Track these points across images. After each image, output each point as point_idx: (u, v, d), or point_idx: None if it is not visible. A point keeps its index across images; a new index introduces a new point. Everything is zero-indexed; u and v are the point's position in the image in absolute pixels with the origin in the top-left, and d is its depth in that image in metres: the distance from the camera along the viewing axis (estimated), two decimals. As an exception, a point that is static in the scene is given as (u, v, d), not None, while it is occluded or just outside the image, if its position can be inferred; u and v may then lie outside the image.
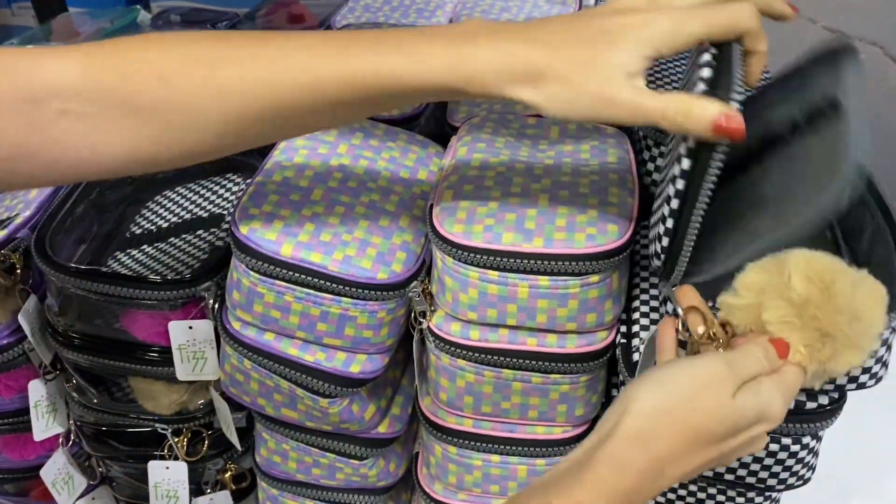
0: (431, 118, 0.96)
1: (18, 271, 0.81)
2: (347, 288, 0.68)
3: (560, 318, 0.67)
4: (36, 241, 0.78)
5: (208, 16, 1.42)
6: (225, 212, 0.85)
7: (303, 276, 0.67)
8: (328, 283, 0.67)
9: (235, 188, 0.90)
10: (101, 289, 0.74)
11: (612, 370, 0.75)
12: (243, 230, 0.68)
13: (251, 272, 0.68)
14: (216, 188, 0.91)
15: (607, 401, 0.75)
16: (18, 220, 0.84)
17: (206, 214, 0.86)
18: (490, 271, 0.65)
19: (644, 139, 0.83)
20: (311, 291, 0.68)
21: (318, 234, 0.69)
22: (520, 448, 0.74)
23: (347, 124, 0.76)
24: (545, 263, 0.64)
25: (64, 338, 0.81)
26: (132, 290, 0.74)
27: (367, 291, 0.68)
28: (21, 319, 0.81)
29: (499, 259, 0.64)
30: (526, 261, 0.64)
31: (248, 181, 0.75)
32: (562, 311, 0.66)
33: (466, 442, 0.74)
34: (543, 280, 0.65)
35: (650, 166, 0.83)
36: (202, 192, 0.91)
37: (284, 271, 0.67)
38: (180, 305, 0.76)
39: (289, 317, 0.70)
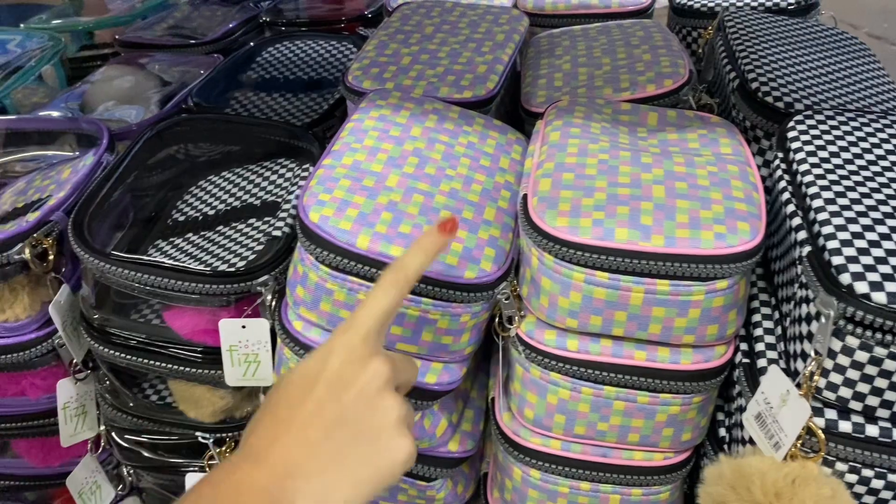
0: (501, 103, 0.88)
1: (51, 258, 0.72)
2: (430, 287, 0.59)
3: (677, 330, 0.58)
4: (73, 225, 0.70)
5: (249, -8, 1.33)
6: (279, 199, 0.77)
7: (380, 273, 0.59)
8: (408, 281, 0.59)
9: (288, 174, 0.81)
10: (146, 280, 0.66)
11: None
12: (313, 218, 0.60)
13: (321, 266, 0.60)
14: (267, 173, 0.82)
15: (713, 425, 0.66)
16: (52, 202, 0.76)
17: (258, 202, 0.77)
18: (599, 272, 0.56)
19: (752, 129, 0.74)
20: (388, 290, 0.59)
21: (396, 225, 0.60)
22: (614, 475, 0.65)
23: None
24: (666, 265, 0.55)
25: (99, 333, 0.73)
26: (181, 282, 0.66)
27: (452, 292, 0.59)
28: (52, 312, 0.72)
29: (611, 259, 0.55)
30: (643, 262, 0.55)
31: (316, 164, 0.66)
32: (680, 322, 0.57)
33: (552, 466, 0.65)
34: (663, 284, 0.56)
35: (758, 160, 0.74)
36: (251, 177, 0.82)
37: (359, 266, 0.59)
38: (233, 302, 0.68)
39: (359, 318, 0.61)
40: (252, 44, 1.10)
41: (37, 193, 0.82)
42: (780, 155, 0.64)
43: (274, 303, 0.67)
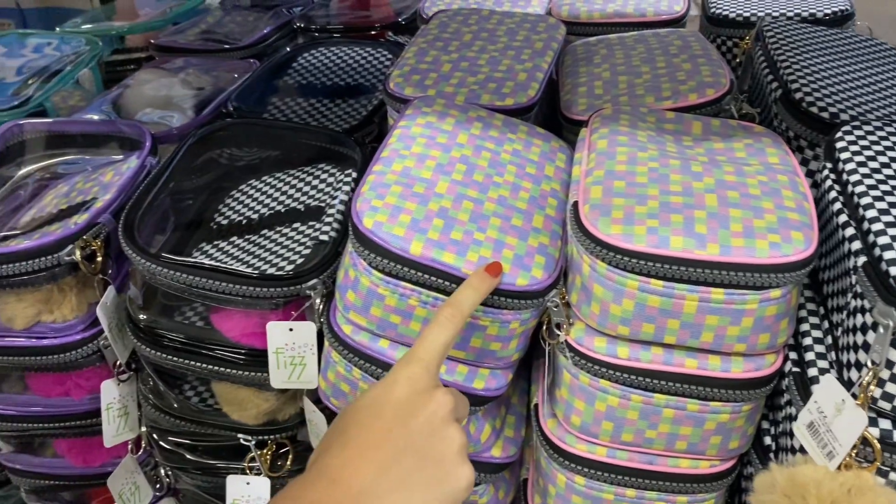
0: (539, 112, 0.88)
1: (99, 260, 0.73)
2: (482, 293, 0.59)
3: (729, 338, 0.58)
4: (124, 227, 0.71)
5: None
6: (323, 204, 0.77)
7: (432, 279, 0.59)
8: (461, 287, 0.59)
9: (331, 179, 0.82)
10: (199, 283, 0.67)
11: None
12: (367, 223, 0.60)
13: (373, 271, 0.60)
14: (309, 178, 0.83)
15: (757, 433, 0.66)
16: (98, 205, 0.77)
17: (301, 207, 0.78)
18: (653, 280, 0.57)
19: (796, 139, 0.75)
20: (440, 296, 0.60)
21: (448, 232, 0.61)
22: (660, 483, 0.65)
23: None
24: (721, 274, 0.55)
25: (146, 334, 0.73)
26: (232, 285, 0.66)
27: (504, 299, 0.60)
28: (99, 313, 0.73)
29: (666, 266, 0.56)
30: (699, 270, 0.55)
31: (366, 170, 0.67)
32: (732, 330, 0.57)
33: (598, 473, 0.65)
34: (717, 293, 0.56)
35: (802, 170, 0.74)
36: (293, 182, 0.83)
37: (412, 272, 0.59)
38: (281, 305, 0.68)
39: (410, 323, 0.62)
40: (288, 49, 1.11)
41: (80, 196, 0.83)
42: (829, 165, 0.64)
43: (322, 306, 0.67)
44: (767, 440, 0.66)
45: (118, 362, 0.78)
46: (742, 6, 1.04)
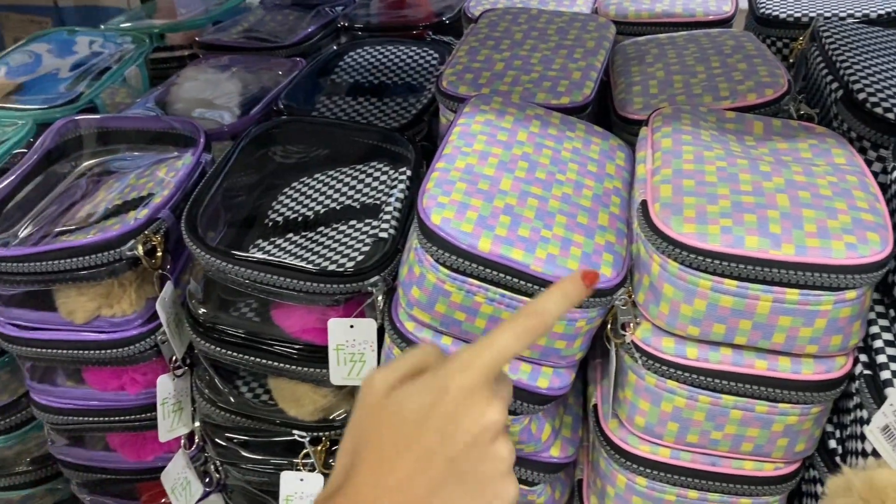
0: (591, 112, 0.88)
1: (159, 255, 0.74)
2: (550, 291, 0.59)
3: (801, 339, 0.57)
4: (187, 223, 0.71)
5: (321, -1, 1.34)
6: (380, 202, 0.77)
7: (501, 276, 0.59)
8: (528, 285, 0.59)
9: (384, 177, 0.82)
10: (261, 278, 0.67)
11: (829, 401, 0.65)
12: (435, 220, 0.60)
13: (440, 267, 0.60)
14: (362, 176, 0.83)
15: (822, 436, 0.66)
16: (157, 201, 0.77)
17: (358, 205, 0.78)
18: (727, 280, 0.56)
19: (858, 139, 0.74)
20: (507, 293, 0.60)
21: (515, 229, 0.61)
22: (723, 484, 0.64)
23: None
24: (797, 274, 0.55)
25: (205, 329, 0.73)
26: (297, 281, 0.66)
27: (572, 296, 0.59)
28: (158, 308, 0.74)
29: (741, 266, 0.55)
30: (774, 270, 0.55)
31: (429, 167, 0.67)
32: (805, 331, 0.57)
33: (660, 474, 0.65)
34: (792, 293, 0.55)
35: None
36: (346, 179, 0.83)
37: (480, 268, 0.59)
38: (342, 301, 0.68)
39: (475, 320, 0.62)
40: (335, 48, 1.11)
41: (134, 192, 0.83)
42: (901, 166, 0.63)
43: (384, 303, 0.67)
44: (832, 443, 0.65)
45: (174, 357, 0.78)
46: (792, 6, 1.03)
